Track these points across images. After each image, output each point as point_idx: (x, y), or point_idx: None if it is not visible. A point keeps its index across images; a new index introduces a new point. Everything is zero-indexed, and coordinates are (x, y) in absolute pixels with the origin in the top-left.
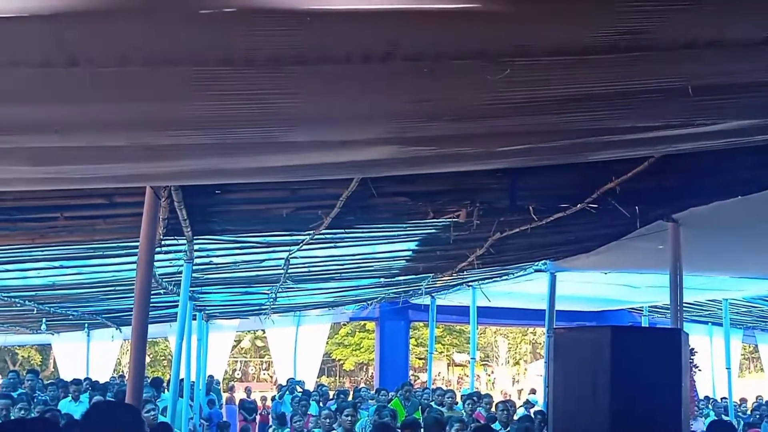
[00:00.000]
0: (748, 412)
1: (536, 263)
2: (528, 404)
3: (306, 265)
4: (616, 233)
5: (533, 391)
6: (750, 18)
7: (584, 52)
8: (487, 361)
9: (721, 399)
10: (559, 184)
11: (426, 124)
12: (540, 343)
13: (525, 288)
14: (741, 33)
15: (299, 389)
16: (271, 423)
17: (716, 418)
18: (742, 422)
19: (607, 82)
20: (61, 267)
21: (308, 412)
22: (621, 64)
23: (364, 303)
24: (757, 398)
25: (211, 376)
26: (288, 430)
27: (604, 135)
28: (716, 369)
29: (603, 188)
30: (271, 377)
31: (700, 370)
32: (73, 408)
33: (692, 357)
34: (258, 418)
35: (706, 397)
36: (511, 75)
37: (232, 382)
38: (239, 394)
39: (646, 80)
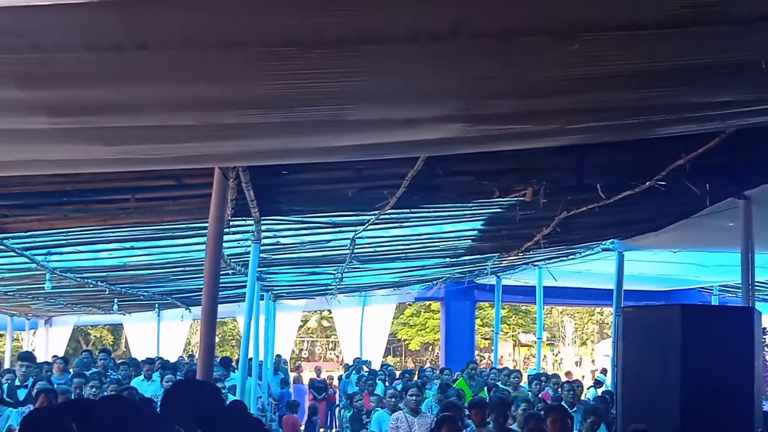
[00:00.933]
0: None
1: (604, 242)
2: (597, 383)
3: (372, 245)
4: (685, 211)
5: (604, 371)
6: None
7: (653, 26)
8: (554, 341)
9: None
10: (627, 161)
11: (493, 101)
12: (607, 323)
13: (592, 267)
14: None
15: (366, 369)
16: (338, 402)
17: None
18: None
19: (678, 56)
20: (132, 248)
21: (375, 392)
22: (692, 38)
23: (430, 283)
24: None
25: (278, 356)
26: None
27: (674, 111)
28: None
29: (672, 165)
30: (338, 357)
31: None
32: (146, 387)
33: (765, 336)
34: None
35: None
36: (579, 51)
37: (299, 362)
38: (307, 374)
39: (719, 54)
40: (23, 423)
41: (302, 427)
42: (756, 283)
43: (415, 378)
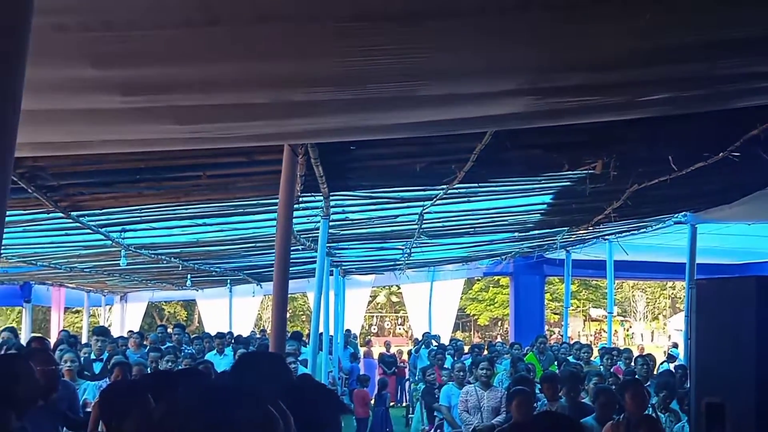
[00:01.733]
0: None
1: (676, 215)
2: (670, 358)
3: (440, 219)
4: (759, 182)
5: (675, 345)
6: None
7: None
8: (624, 315)
9: None
10: (699, 132)
11: (562, 74)
12: (680, 298)
13: (664, 241)
14: None
15: (435, 343)
16: (408, 376)
17: None
18: None
19: (751, 26)
20: (204, 224)
21: (444, 366)
22: (764, 7)
23: (498, 258)
24: None
25: (348, 330)
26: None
27: (748, 81)
28: None
29: (747, 135)
30: (407, 332)
31: None
32: (218, 360)
33: None
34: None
35: None
36: (651, 22)
37: (369, 337)
38: (376, 349)
39: None
40: (103, 395)
41: (372, 401)
42: None
43: (485, 353)
